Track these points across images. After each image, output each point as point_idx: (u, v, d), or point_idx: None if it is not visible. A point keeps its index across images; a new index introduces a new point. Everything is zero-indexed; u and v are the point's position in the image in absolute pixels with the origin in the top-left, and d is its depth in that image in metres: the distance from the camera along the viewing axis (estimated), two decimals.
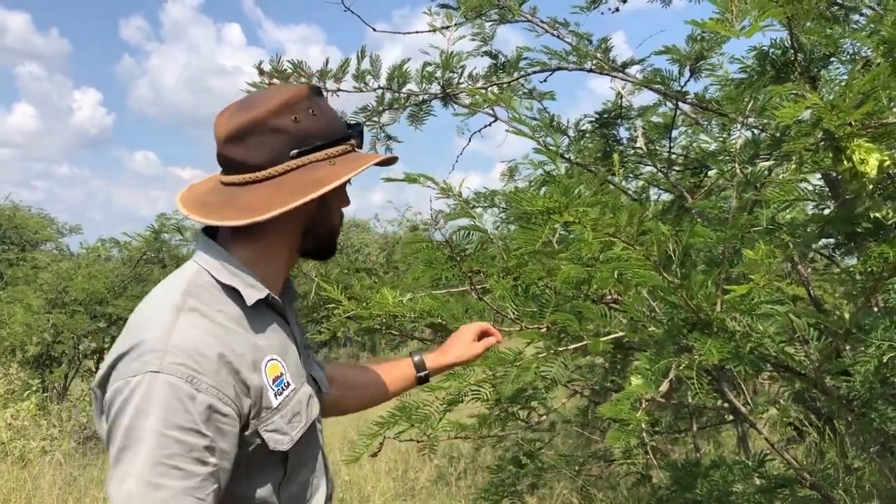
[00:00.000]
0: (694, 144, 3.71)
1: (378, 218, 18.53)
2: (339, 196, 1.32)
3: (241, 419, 1.14)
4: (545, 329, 2.20)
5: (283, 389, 1.23)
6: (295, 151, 1.21)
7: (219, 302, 1.19)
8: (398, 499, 5.10)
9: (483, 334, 1.78)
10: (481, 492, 2.66)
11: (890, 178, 2.37)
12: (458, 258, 2.20)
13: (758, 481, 2.43)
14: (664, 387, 1.65)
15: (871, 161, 1.45)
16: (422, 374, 1.73)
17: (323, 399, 1.42)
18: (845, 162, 1.46)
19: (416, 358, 1.74)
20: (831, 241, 2.96)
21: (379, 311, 1.98)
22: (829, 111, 1.43)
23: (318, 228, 1.31)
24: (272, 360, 1.22)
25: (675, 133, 3.41)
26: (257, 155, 1.21)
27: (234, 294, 1.21)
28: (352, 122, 1.33)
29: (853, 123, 1.44)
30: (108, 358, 1.11)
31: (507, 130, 2.56)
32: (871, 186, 1.51)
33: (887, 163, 1.53)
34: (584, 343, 1.95)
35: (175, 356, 1.08)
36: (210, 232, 1.29)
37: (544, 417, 2.80)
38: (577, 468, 3.00)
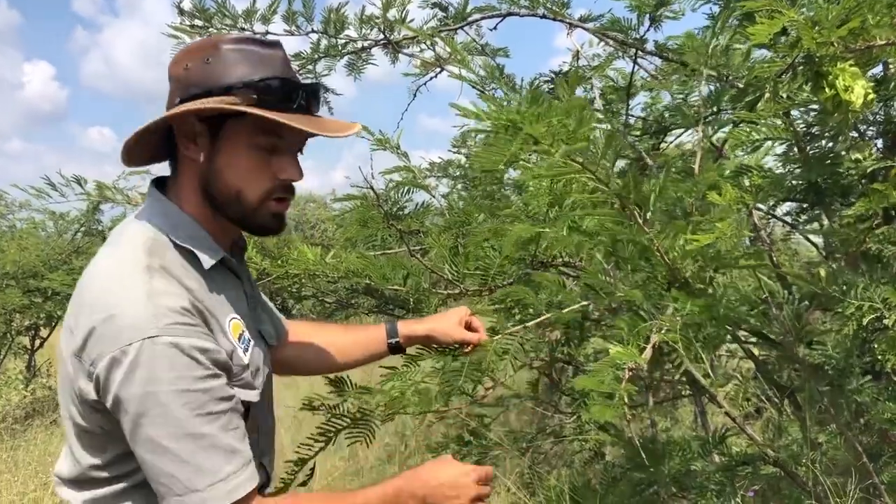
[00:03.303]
0: (654, 106, 3.54)
1: (335, 194, 18.19)
2: (228, 158, 1.21)
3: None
4: (489, 291, 1.99)
5: (248, 346, 1.26)
6: (178, 100, 1.19)
7: (179, 262, 1.19)
8: (345, 478, 4.89)
9: (467, 323, 1.62)
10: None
11: (861, 135, 2.20)
12: (393, 216, 1.97)
13: (717, 459, 2.26)
14: (647, 353, 1.43)
15: (856, 88, 1.24)
16: (393, 340, 1.61)
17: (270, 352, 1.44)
18: (827, 89, 1.26)
19: (390, 324, 1.64)
20: (795, 205, 2.80)
21: (297, 269, 1.74)
22: (809, 28, 1.22)
23: (211, 189, 1.23)
24: (234, 318, 1.24)
25: (633, 93, 3.22)
26: (167, 102, 1.23)
27: (190, 255, 1.21)
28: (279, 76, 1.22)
29: (836, 43, 1.23)
30: (81, 327, 1.10)
31: (449, 76, 2.33)
32: (854, 120, 1.31)
33: (871, 96, 1.33)
34: (545, 317, 1.73)
35: (168, 317, 1.09)
36: (161, 183, 1.29)
37: (491, 391, 2.60)
38: (525, 445, 2.81)
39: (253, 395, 1.24)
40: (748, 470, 2.06)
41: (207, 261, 1.21)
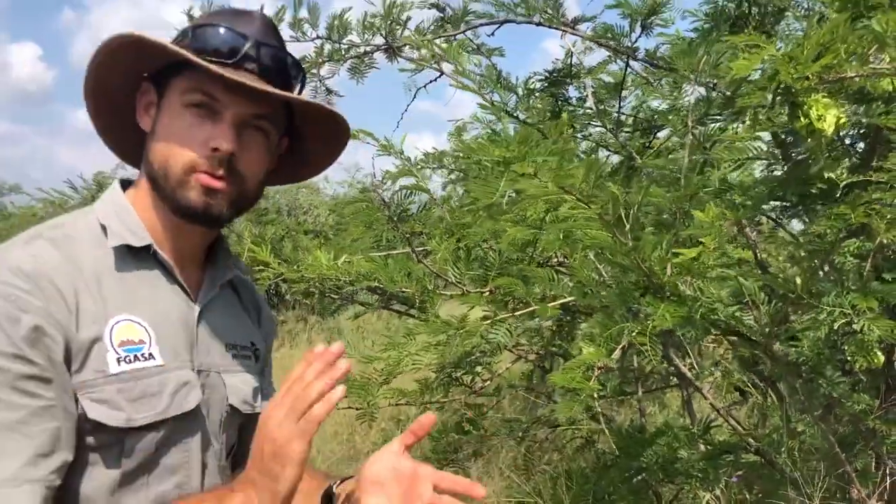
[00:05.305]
0: (644, 105, 3.64)
1: (328, 179, 18.14)
2: (164, 123, 1.06)
3: (67, 360, 0.95)
4: (489, 293, 2.12)
5: (136, 360, 1.00)
6: None
7: (91, 244, 1.04)
8: (342, 463, 5.03)
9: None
10: (421, 460, 2.58)
11: (840, 139, 2.32)
12: (398, 219, 2.09)
13: (703, 447, 2.40)
14: (616, 354, 1.57)
15: (828, 118, 1.37)
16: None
17: (226, 409, 1.14)
18: (802, 119, 1.38)
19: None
20: (778, 203, 2.94)
21: (311, 273, 1.86)
22: (786, 63, 1.34)
23: (147, 164, 1.08)
24: (129, 320, 1.01)
25: (625, 94, 3.33)
26: None
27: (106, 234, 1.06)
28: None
29: (811, 77, 1.35)
30: None
31: (451, 85, 2.44)
32: (826, 146, 1.43)
33: (843, 120, 1.46)
34: (531, 308, 1.87)
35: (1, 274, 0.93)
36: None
37: (489, 382, 2.73)
38: (520, 434, 2.95)
39: (112, 419, 0.97)
40: (730, 458, 2.20)
41: (116, 238, 1.05)
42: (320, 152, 1.24)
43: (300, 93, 1.14)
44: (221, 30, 1.05)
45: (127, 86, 1.11)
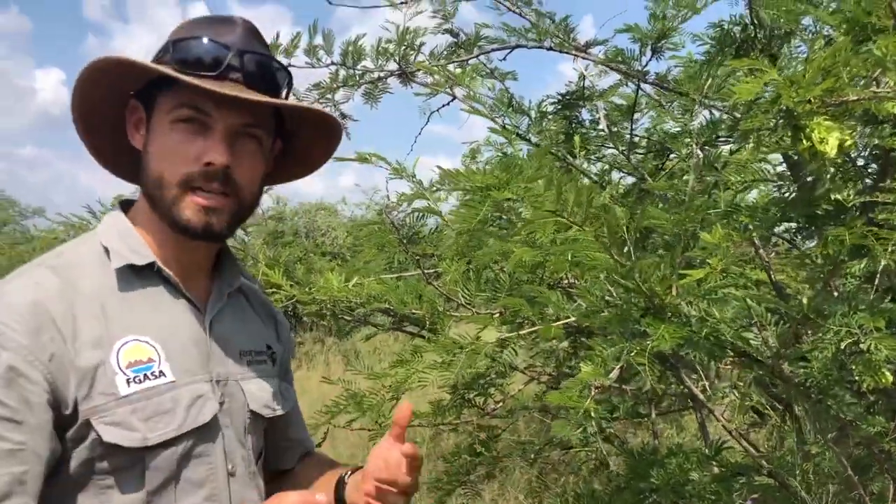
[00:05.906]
0: (657, 127, 3.66)
1: (346, 201, 18.25)
2: (155, 139, 1.06)
3: (58, 395, 0.94)
4: (499, 314, 2.13)
5: (146, 379, 1.00)
6: None
7: (93, 267, 1.04)
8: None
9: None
10: (434, 481, 2.59)
11: (850, 160, 2.33)
12: (407, 241, 2.12)
13: (716, 469, 2.38)
14: (614, 374, 1.59)
15: (830, 140, 1.38)
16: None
17: (248, 416, 1.16)
18: (804, 141, 1.40)
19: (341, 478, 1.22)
20: (792, 224, 2.94)
21: (323, 296, 1.89)
22: (788, 87, 1.36)
23: (143, 182, 1.09)
24: (136, 340, 1.02)
25: (638, 116, 3.35)
26: None
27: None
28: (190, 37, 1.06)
29: (813, 100, 1.37)
30: None
31: (462, 109, 2.48)
32: (831, 168, 1.45)
33: (848, 142, 1.46)
34: (536, 328, 1.89)
35: None
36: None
37: (501, 404, 2.74)
38: (533, 455, 2.95)
39: (128, 440, 0.98)
40: (743, 480, 2.19)
41: (119, 258, 1.05)
42: (313, 151, 1.24)
43: (287, 95, 1.14)
44: (204, 41, 1.03)
45: (115, 105, 1.11)
